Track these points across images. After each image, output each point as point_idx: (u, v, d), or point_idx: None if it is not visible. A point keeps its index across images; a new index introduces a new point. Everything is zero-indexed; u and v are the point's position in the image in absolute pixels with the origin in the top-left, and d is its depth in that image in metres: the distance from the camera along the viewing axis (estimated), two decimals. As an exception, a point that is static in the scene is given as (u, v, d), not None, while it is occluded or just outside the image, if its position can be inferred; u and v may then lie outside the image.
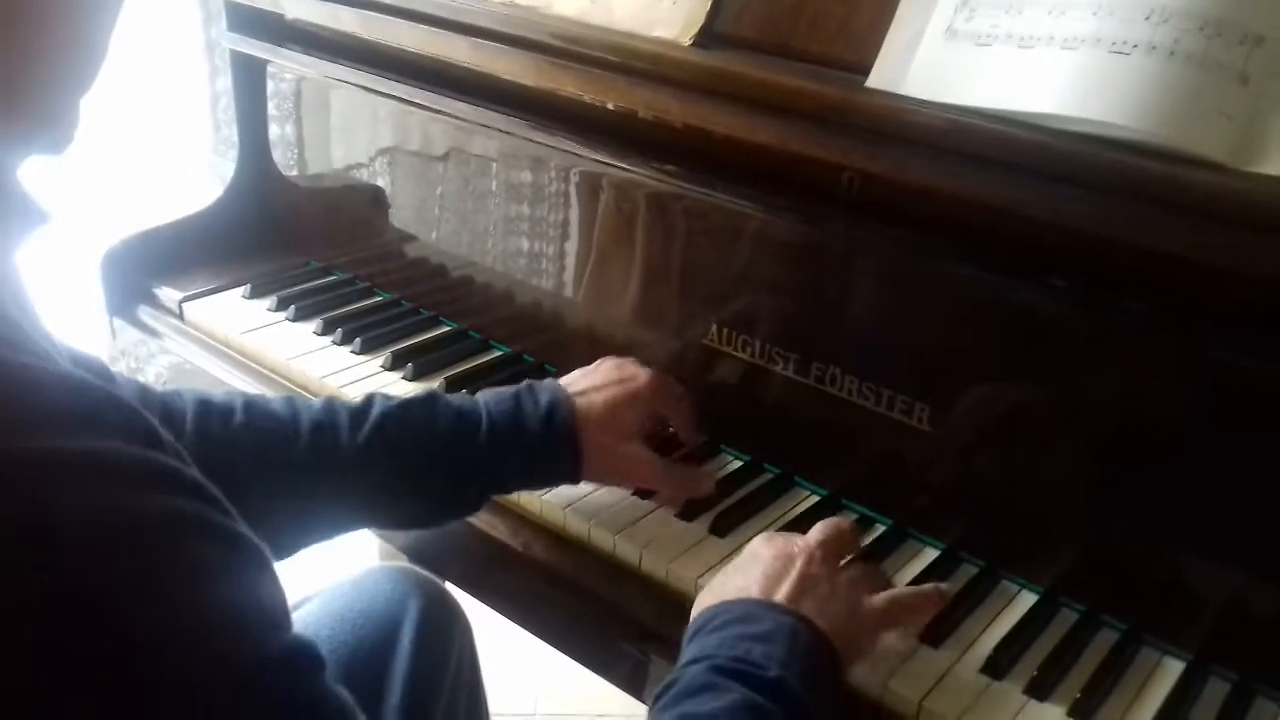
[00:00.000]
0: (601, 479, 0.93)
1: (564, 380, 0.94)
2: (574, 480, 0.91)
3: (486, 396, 0.90)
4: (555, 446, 0.88)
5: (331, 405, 0.86)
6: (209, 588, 0.46)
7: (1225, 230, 0.71)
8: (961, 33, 0.85)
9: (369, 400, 0.87)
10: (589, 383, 0.93)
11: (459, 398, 0.90)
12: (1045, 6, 0.81)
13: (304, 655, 0.51)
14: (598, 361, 0.97)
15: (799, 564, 0.76)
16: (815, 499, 0.97)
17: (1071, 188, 0.77)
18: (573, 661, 0.94)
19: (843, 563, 0.80)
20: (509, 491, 0.94)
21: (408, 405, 0.87)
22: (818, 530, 0.81)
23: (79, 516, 0.42)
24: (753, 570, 0.77)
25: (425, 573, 1.06)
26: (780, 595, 0.74)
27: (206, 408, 0.83)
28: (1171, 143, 0.74)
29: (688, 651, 0.71)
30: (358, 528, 0.90)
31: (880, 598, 0.79)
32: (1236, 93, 0.74)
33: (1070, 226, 0.78)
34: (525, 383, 0.92)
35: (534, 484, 0.93)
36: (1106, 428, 0.82)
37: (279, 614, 0.50)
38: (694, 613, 0.76)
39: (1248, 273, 0.72)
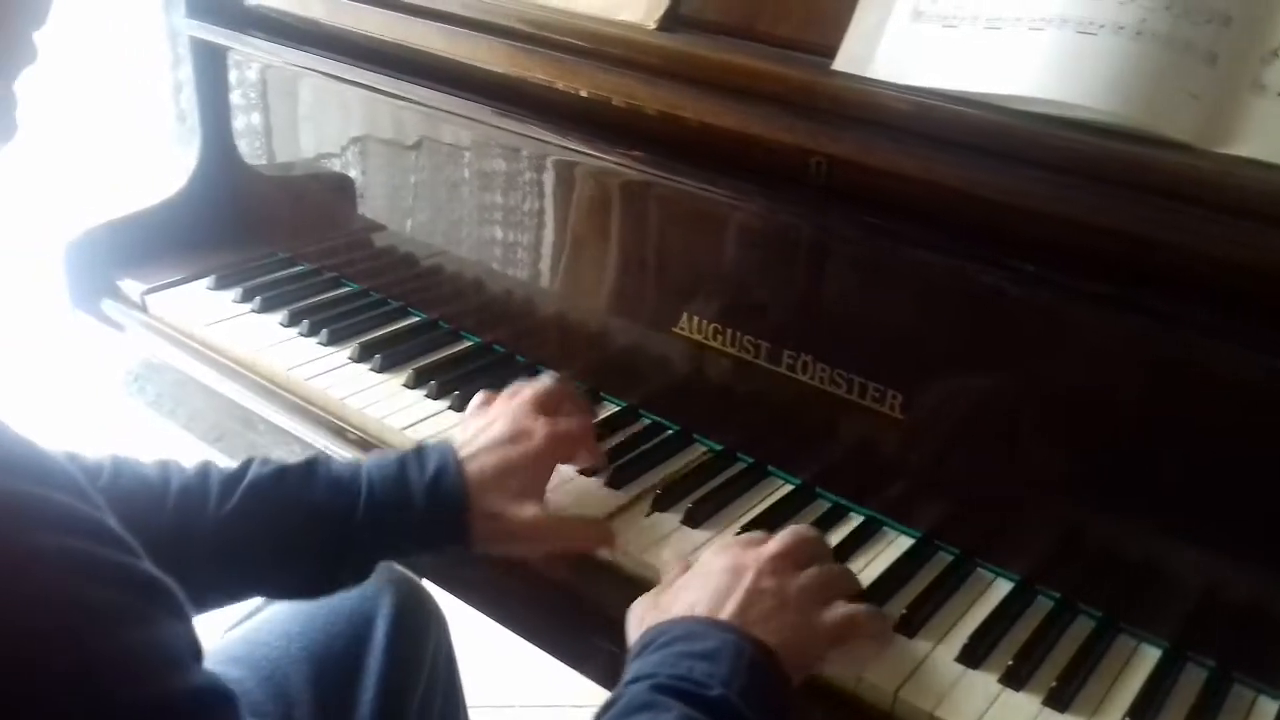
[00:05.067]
0: (493, 547, 0.87)
1: (459, 438, 0.88)
2: (463, 547, 0.86)
3: (371, 463, 0.85)
4: (440, 519, 0.83)
5: (205, 469, 0.83)
6: (112, 632, 0.47)
7: (1192, 212, 0.71)
8: (928, 14, 0.83)
9: (245, 466, 0.83)
10: (481, 443, 0.87)
11: (342, 464, 0.85)
12: (1012, -14, 0.79)
13: (212, 693, 0.50)
14: (494, 405, 0.93)
15: (749, 578, 0.73)
16: (789, 488, 0.96)
17: (1038, 170, 0.76)
18: (549, 654, 0.93)
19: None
20: (396, 559, 0.89)
21: (283, 474, 0.83)
22: (776, 541, 0.78)
23: None
24: (703, 586, 0.74)
25: (399, 568, 1.05)
26: (726, 612, 0.71)
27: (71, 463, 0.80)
28: (1138, 124, 0.73)
29: (630, 669, 0.69)
30: (230, 601, 0.84)
31: (833, 615, 0.75)
32: (1204, 73, 0.73)
33: (1036, 209, 0.77)
34: (416, 446, 0.87)
35: (419, 552, 0.88)
36: (1076, 411, 0.81)
37: (185, 657, 0.50)
38: (636, 627, 0.74)
39: (1213, 254, 0.71)
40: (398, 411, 1.04)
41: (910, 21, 0.84)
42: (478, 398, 0.96)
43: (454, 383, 1.08)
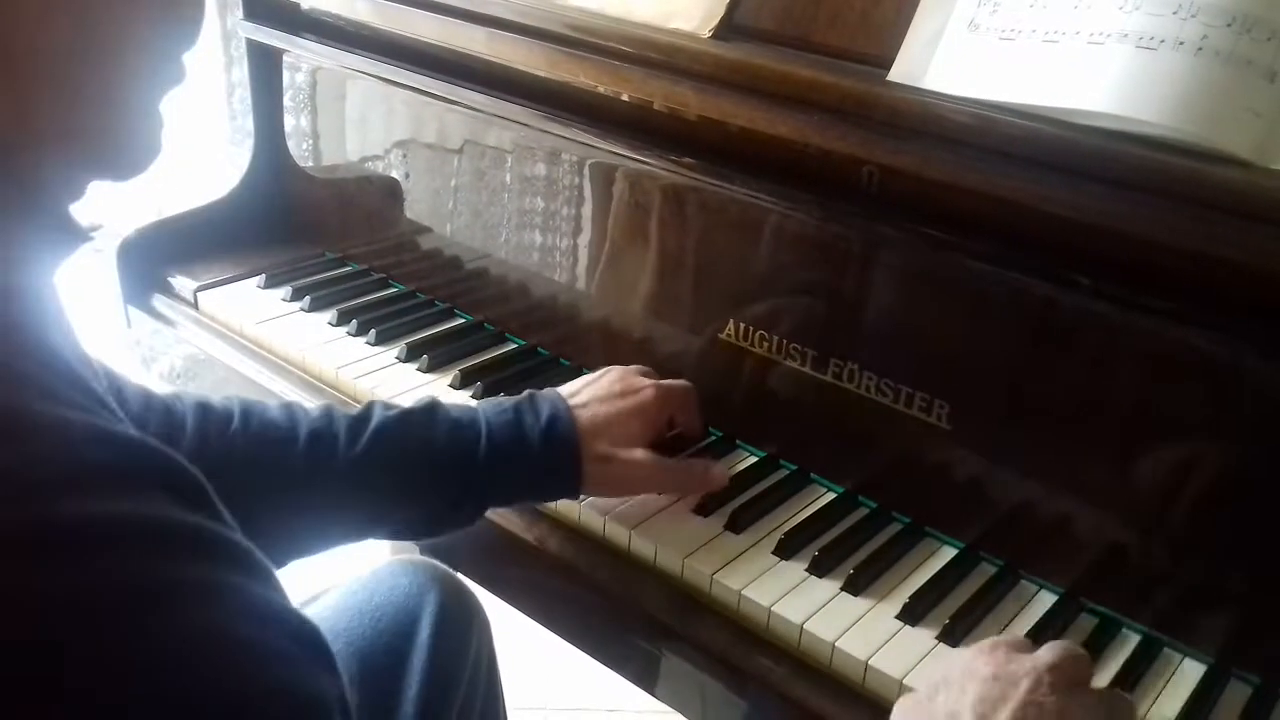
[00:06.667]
0: (605, 492, 0.92)
1: (566, 390, 0.93)
2: (574, 494, 0.90)
3: (486, 408, 0.89)
4: (555, 461, 0.87)
5: (330, 414, 0.85)
6: (247, 665, 0.44)
7: (1250, 227, 0.70)
8: (985, 26, 0.84)
9: (368, 409, 0.86)
10: (591, 394, 0.92)
11: (459, 408, 0.88)
12: (1071, 0, 0.80)
13: None
14: (602, 371, 0.96)
15: (1023, 689, 0.63)
16: (831, 495, 0.97)
17: (1095, 183, 0.76)
18: (584, 656, 0.93)
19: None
20: (508, 505, 0.93)
21: (407, 416, 0.86)
22: (1049, 651, 0.67)
23: (113, 584, 0.41)
24: (967, 690, 0.64)
25: (443, 566, 1.06)
26: None
27: (205, 413, 0.82)
28: (1198, 139, 0.73)
29: None
30: (353, 539, 0.88)
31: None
32: (1264, 90, 0.73)
33: (1093, 223, 0.77)
34: (526, 394, 0.91)
35: (532, 497, 0.92)
36: (1128, 426, 0.81)
37: (321, 699, 0.47)
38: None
39: (1274, 271, 0.71)
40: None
41: (967, 33, 0.84)
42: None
43: (500, 385, 1.09)
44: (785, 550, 0.89)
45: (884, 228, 0.88)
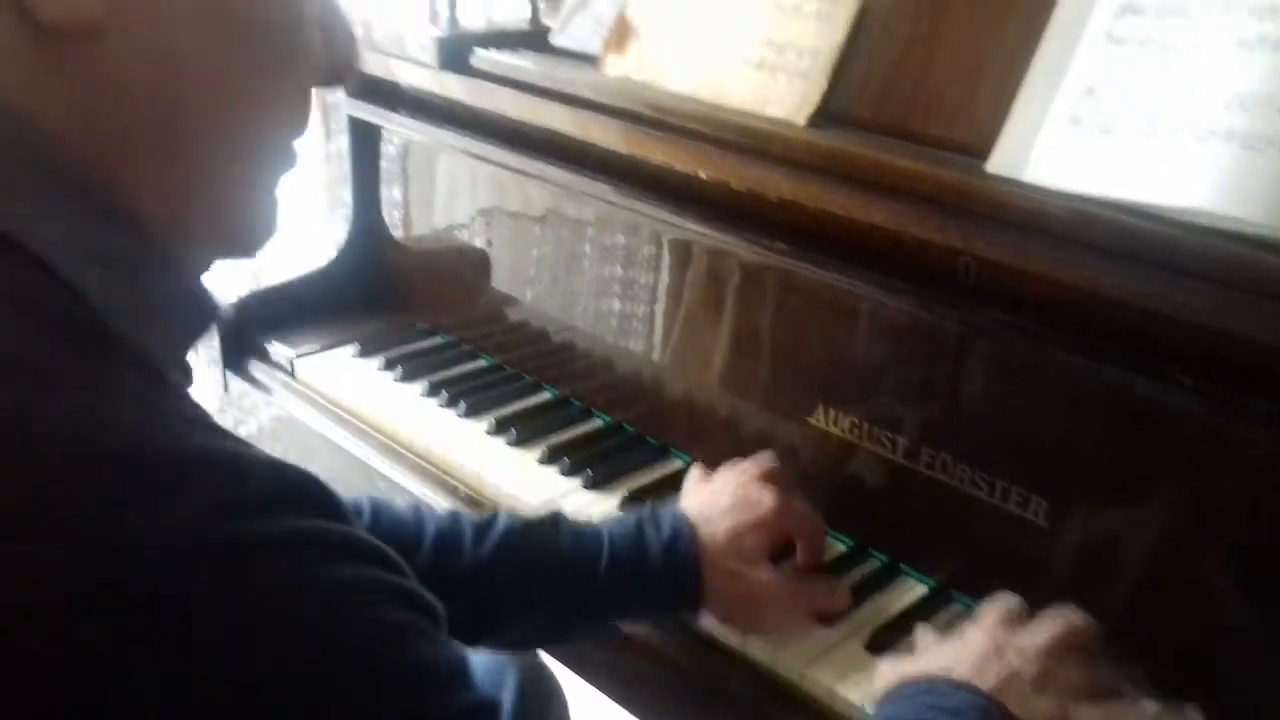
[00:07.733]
0: (726, 608, 0.89)
1: (687, 505, 0.92)
2: (694, 611, 0.88)
3: (610, 522, 0.89)
4: (677, 577, 0.86)
5: (456, 516, 0.87)
6: (406, 649, 0.49)
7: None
8: (1086, 120, 0.83)
9: (494, 515, 0.87)
10: (713, 508, 0.90)
11: (582, 522, 0.89)
12: (1175, 97, 0.79)
13: (489, 707, 0.53)
14: (718, 477, 0.95)
15: (1010, 656, 0.73)
16: (923, 589, 0.95)
17: (1197, 282, 0.75)
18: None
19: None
20: (627, 618, 0.91)
21: (531, 524, 0.87)
22: (1046, 627, 0.76)
23: (286, 590, 0.45)
24: (961, 653, 0.74)
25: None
26: (984, 682, 0.71)
27: None
28: (1307, 242, 0.72)
29: (876, 717, 0.72)
30: (469, 644, 0.86)
31: (1094, 714, 0.73)
32: (1378, 193, 0.72)
33: (1195, 322, 0.76)
34: (649, 508, 0.90)
35: (653, 612, 0.91)
36: (1230, 528, 0.79)
37: (465, 672, 0.53)
38: (888, 676, 0.76)
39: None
40: (532, 487, 1.07)
41: (1067, 126, 0.84)
42: (695, 470, 0.99)
43: (585, 461, 1.10)
44: (877, 646, 0.87)
45: (979, 319, 0.87)
